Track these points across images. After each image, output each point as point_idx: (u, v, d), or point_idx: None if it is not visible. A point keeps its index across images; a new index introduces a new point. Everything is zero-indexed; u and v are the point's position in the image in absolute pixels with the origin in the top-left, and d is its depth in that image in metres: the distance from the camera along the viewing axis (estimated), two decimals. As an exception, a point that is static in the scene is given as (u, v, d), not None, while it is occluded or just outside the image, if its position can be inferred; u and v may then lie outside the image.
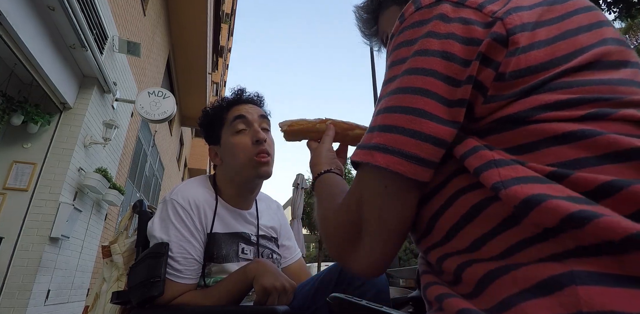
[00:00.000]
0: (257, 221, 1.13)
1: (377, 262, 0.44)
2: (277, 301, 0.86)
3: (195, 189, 1.04)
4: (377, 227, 0.42)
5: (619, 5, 5.02)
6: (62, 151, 3.58)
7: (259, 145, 1.04)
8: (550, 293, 0.28)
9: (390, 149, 0.39)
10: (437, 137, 0.38)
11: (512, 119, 0.37)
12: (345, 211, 0.46)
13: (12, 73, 3.25)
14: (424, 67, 0.40)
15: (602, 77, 0.37)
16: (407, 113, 0.39)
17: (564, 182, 0.32)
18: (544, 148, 0.35)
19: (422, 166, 0.39)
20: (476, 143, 0.38)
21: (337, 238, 0.47)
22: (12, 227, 3.22)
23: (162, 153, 8.64)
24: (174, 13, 7.29)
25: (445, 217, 0.40)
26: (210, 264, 0.98)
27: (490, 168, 0.35)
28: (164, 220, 0.96)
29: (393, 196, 0.41)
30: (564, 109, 0.36)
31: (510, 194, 0.32)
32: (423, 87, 0.39)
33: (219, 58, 14.51)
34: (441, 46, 0.40)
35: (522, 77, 0.38)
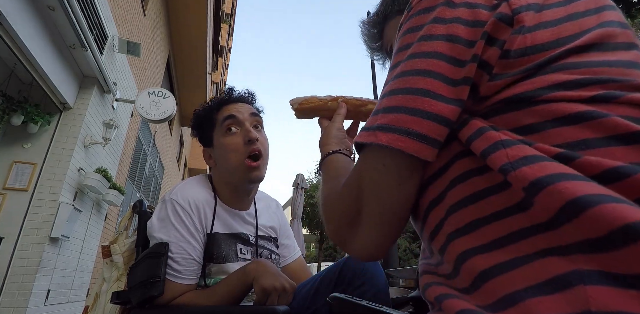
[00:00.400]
0: (255, 221, 1.13)
1: (375, 245, 0.44)
2: (277, 301, 0.86)
3: (194, 189, 1.03)
4: (376, 207, 0.42)
5: (619, 5, 5.03)
6: (62, 151, 3.58)
7: (251, 144, 1.03)
8: (557, 291, 0.27)
9: (392, 127, 0.39)
10: (439, 115, 0.38)
11: (518, 99, 0.37)
12: (346, 193, 0.46)
13: (12, 73, 3.25)
14: (428, 50, 0.40)
15: (610, 59, 0.37)
16: (409, 93, 0.39)
17: (571, 165, 0.31)
18: (550, 128, 0.34)
19: (423, 143, 0.38)
20: (482, 124, 0.37)
21: (337, 221, 0.47)
22: (12, 227, 3.22)
23: (162, 153, 8.64)
24: (174, 13, 7.29)
25: (445, 201, 0.39)
26: (209, 264, 0.98)
27: (497, 149, 0.34)
28: (164, 220, 0.96)
29: (393, 174, 0.41)
30: (572, 90, 0.35)
31: (520, 176, 0.31)
32: (426, 68, 0.39)
33: (219, 58, 14.51)
34: (446, 30, 0.40)
35: (527, 55, 0.37)
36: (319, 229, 19.93)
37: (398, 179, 0.41)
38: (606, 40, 0.38)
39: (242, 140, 1.04)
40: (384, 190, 0.41)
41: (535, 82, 0.36)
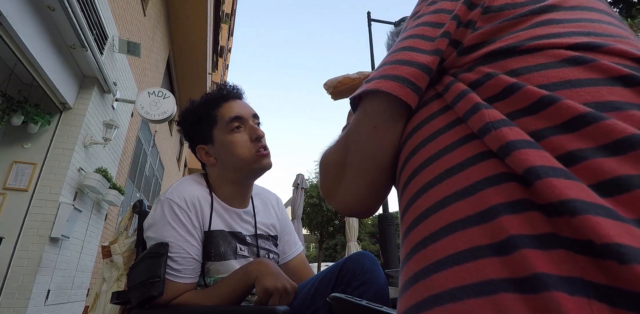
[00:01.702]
0: (254, 220, 1.12)
1: (355, 195, 0.44)
2: (278, 302, 0.86)
3: (190, 187, 1.03)
4: (356, 155, 0.43)
5: (619, 5, 5.02)
6: (62, 151, 3.58)
7: (258, 142, 1.05)
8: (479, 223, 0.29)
9: (374, 77, 0.42)
10: (415, 61, 0.40)
11: (504, 50, 0.37)
12: (336, 144, 0.48)
13: (12, 73, 3.25)
14: (417, 23, 0.45)
15: (591, 17, 0.39)
16: (393, 52, 0.43)
17: (549, 110, 0.31)
18: (536, 71, 0.34)
19: (400, 83, 0.39)
20: (463, 87, 0.37)
21: (326, 173, 0.48)
22: (12, 227, 3.22)
23: (162, 153, 8.64)
24: (174, 13, 7.29)
25: (418, 156, 0.38)
26: (208, 262, 0.98)
27: (479, 110, 0.34)
28: (161, 220, 0.96)
29: (371, 117, 0.42)
30: (556, 38, 0.36)
31: (499, 135, 0.31)
32: (411, 33, 0.44)
33: (219, 58, 14.51)
34: (435, 6, 0.45)
35: (508, 9, 0.40)
36: (319, 229, 19.92)
37: (375, 122, 0.42)
38: (586, 4, 0.40)
39: (248, 137, 1.06)
40: (362, 134, 0.43)
41: (519, 36, 0.37)
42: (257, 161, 1.04)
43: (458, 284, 0.27)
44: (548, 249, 0.25)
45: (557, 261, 0.24)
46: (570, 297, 0.22)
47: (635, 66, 0.33)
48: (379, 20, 7.95)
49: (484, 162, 0.31)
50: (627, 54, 0.33)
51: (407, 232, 0.36)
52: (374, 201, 0.45)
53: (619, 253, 0.22)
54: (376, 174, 0.43)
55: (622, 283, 0.22)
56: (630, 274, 0.21)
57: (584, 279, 0.23)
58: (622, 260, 0.21)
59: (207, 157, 1.10)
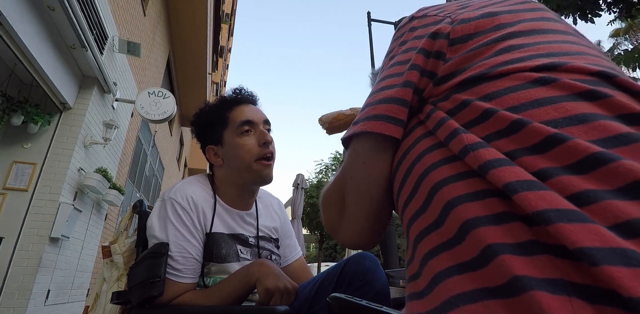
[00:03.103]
0: (256, 222, 1.12)
1: (357, 231, 0.47)
2: (279, 302, 0.86)
3: (193, 188, 1.03)
4: (355, 192, 0.46)
5: (619, 5, 5.02)
6: (62, 151, 3.58)
7: (266, 147, 1.06)
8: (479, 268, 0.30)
9: (359, 120, 0.45)
10: (390, 97, 0.44)
11: (474, 78, 0.40)
12: (335, 183, 0.51)
13: (12, 73, 3.25)
14: (390, 65, 0.48)
15: (547, 39, 0.42)
16: (371, 95, 0.47)
17: (520, 133, 0.33)
18: (505, 94, 0.37)
19: (379, 121, 0.43)
20: (442, 115, 0.40)
21: (328, 210, 0.51)
22: (12, 227, 3.22)
23: (162, 153, 8.64)
24: (174, 13, 7.29)
25: (412, 175, 0.41)
26: (209, 263, 0.98)
27: (457, 135, 0.37)
28: (163, 219, 0.96)
29: (362, 157, 0.45)
30: (519, 63, 0.39)
31: (477, 156, 0.33)
32: (385, 74, 0.47)
33: (219, 58, 14.51)
34: (405, 46, 0.48)
35: (472, 39, 0.43)
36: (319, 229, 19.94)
37: (364, 158, 0.45)
38: (543, 27, 0.44)
39: (256, 141, 1.06)
40: (354, 170, 0.46)
41: (486, 64, 0.40)
42: (257, 170, 1.04)
43: (453, 294, 0.30)
44: (530, 255, 0.27)
45: (538, 265, 0.26)
46: (551, 295, 0.24)
47: (594, 80, 0.36)
48: (379, 20, 7.95)
49: (466, 180, 0.34)
50: (585, 70, 0.36)
51: (414, 246, 0.39)
52: (376, 232, 0.48)
53: (589, 256, 0.24)
54: (372, 206, 0.46)
55: (597, 282, 0.24)
56: (602, 274, 0.23)
57: (564, 280, 0.25)
58: (592, 262, 0.24)
59: (215, 158, 1.11)
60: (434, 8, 0.52)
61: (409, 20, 0.52)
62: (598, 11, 4.87)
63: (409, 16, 0.53)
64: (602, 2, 4.98)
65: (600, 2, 4.97)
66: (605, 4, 5.02)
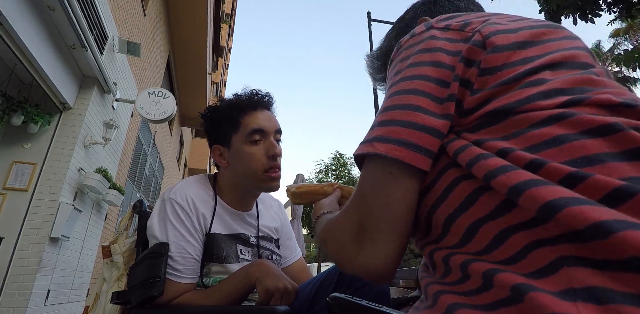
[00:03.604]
0: (257, 222, 1.12)
1: (386, 258, 0.43)
2: (279, 302, 0.86)
3: (194, 189, 1.03)
4: (384, 216, 0.42)
5: (619, 5, 5.02)
6: (62, 151, 3.58)
7: (273, 160, 1.03)
8: (546, 276, 0.30)
9: (388, 138, 0.43)
10: (431, 127, 0.42)
11: (499, 112, 0.41)
12: (350, 208, 0.46)
13: (12, 73, 3.25)
14: (417, 74, 0.45)
15: (574, 73, 0.42)
16: (402, 109, 0.44)
17: (542, 171, 0.34)
18: (527, 132, 0.38)
19: (419, 153, 0.42)
20: (465, 142, 0.41)
21: (341, 239, 0.46)
22: (12, 227, 3.22)
23: (162, 153, 8.64)
24: (174, 13, 7.29)
25: (441, 210, 0.42)
26: (210, 263, 0.98)
27: (479, 161, 0.37)
28: (163, 220, 0.96)
29: (397, 181, 0.43)
30: (543, 100, 0.39)
31: (500, 183, 0.34)
32: (416, 88, 0.44)
33: (219, 58, 14.51)
34: (431, 57, 0.46)
35: (501, 70, 0.43)
36: (319, 229, 19.88)
37: (402, 185, 0.43)
38: (570, 59, 0.44)
39: (264, 152, 1.03)
40: (392, 197, 0.43)
41: (511, 97, 0.41)
42: (265, 181, 1.03)
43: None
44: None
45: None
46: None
47: (611, 113, 0.37)
48: (379, 20, 7.96)
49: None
50: (604, 102, 0.37)
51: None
52: (400, 258, 0.44)
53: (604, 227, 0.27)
54: (405, 233, 0.44)
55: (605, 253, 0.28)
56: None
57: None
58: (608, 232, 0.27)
59: (220, 158, 1.09)
60: (456, 19, 0.50)
61: (427, 29, 0.50)
62: (598, 11, 4.87)
63: (426, 26, 0.51)
64: (602, 2, 4.98)
65: (600, 2, 4.97)
66: (605, 4, 5.02)
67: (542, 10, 5.04)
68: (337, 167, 16.57)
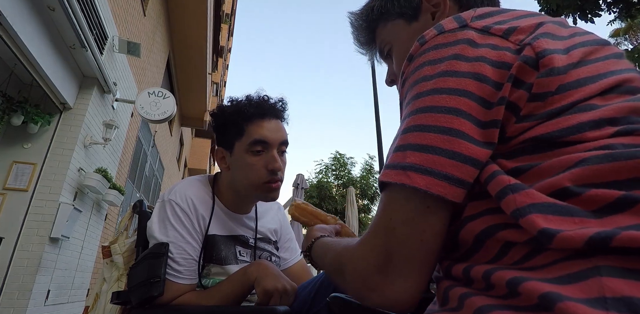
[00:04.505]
0: (255, 223, 1.12)
1: (416, 290, 0.41)
2: (278, 303, 0.86)
3: (193, 190, 1.03)
4: (419, 252, 0.40)
5: (619, 5, 5.02)
6: (62, 151, 3.58)
7: (273, 174, 1.00)
8: (576, 281, 0.29)
9: (429, 170, 0.38)
10: (475, 159, 0.38)
11: (543, 140, 0.37)
12: (373, 239, 0.43)
13: (12, 73, 3.25)
14: (456, 87, 0.40)
15: (625, 100, 0.38)
16: (443, 133, 0.39)
17: (577, 200, 0.32)
18: (568, 170, 0.34)
19: (461, 188, 0.38)
20: (496, 168, 0.38)
21: (363, 271, 0.43)
22: (12, 227, 3.22)
23: (162, 153, 8.64)
24: (174, 13, 7.29)
25: (469, 229, 0.40)
26: (209, 265, 0.98)
27: (507, 195, 0.35)
28: (163, 221, 0.96)
29: (436, 216, 0.40)
30: (593, 130, 0.36)
31: (528, 223, 0.32)
32: (457, 107, 0.39)
33: (219, 58, 14.50)
34: (471, 68, 0.40)
35: (553, 96, 0.38)
36: (319, 229, 19.85)
37: (440, 220, 0.40)
38: (624, 83, 0.40)
39: (264, 164, 1.00)
40: (429, 232, 0.40)
41: (558, 123, 0.37)
42: (263, 191, 1.01)
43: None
44: None
45: None
46: None
47: None
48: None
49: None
50: None
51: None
52: (424, 288, 0.42)
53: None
54: (434, 264, 0.42)
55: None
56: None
57: None
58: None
59: (221, 162, 1.07)
60: (494, 19, 0.44)
61: (461, 27, 0.44)
62: (598, 11, 4.87)
63: (459, 22, 0.45)
64: (602, 2, 4.98)
65: (600, 2, 4.97)
66: (605, 4, 5.02)
67: (543, 10, 5.05)
68: (337, 167, 16.56)
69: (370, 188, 15.78)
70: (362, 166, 16.63)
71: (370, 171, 16.36)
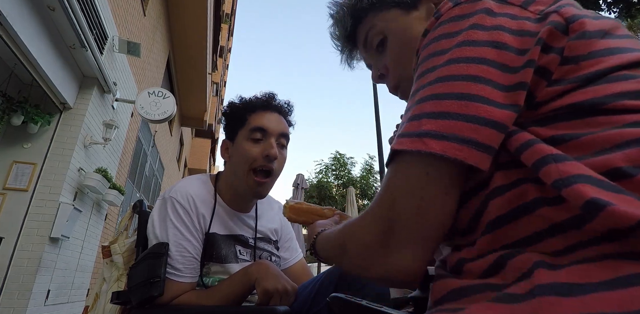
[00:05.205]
0: (255, 223, 1.12)
1: (417, 263, 0.39)
2: (279, 303, 0.86)
3: (194, 188, 1.03)
4: (420, 221, 0.38)
5: (619, 5, 5.02)
6: (62, 151, 3.58)
7: (268, 161, 1.02)
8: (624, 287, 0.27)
9: (446, 135, 0.36)
10: (496, 121, 0.36)
11: (582, 107, 0.35)
12: (376, 210, 0.41)
13: (12, 73, 3.25)
14: (475, 56, 0.38)
15: None
16: (460, 99, 0.37)
17: (629, 182, 0.30)
18: (624, 150, 0.32)
19: (482, 152, 0.36)
20: (531, 137, 0.35)
21: (363, 243, 0.42)
22: (12, 227, 3.22)
23: (162, 153, 8.64)
24: (174, 13, 7.29)
25: (490, 211, 0.37)
26: (209, 263, 0.98)
27: (548, 163, 0.32)
28: (163, 218, 0.96)
29: (439, 183, 0.38)
30: (636, 99, 0.34)
31: (574, 192, 0.30)
32: (475, 74, 0.38)
33: (219, 58, 14.50)
34: (490, 37, 0.39)
35: (585, 60, 0.37)
36: (319, 229, 19.84)
37: (445, 189, 0.38)
38: None
39: (261, 151, 1.02)
40: (430, 200, 0.38)
41: (596, 91, 0.35)
42: (250, 185, 1.02)
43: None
44: None
45: None
46: None
47: None
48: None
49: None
50: None
51: None
52: (425, 266, 0.40)
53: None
54: (436, 240, 0.40)
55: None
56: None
57: None
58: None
59: (225, 152, 1.12)
60: None
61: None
62: (598, 11, 4.87)
63: None
64: (602, 2, 4.98)
65: (601, 2, 4.97)
66: (605, 4, 5.02)
67: (542, 10, 5.04)
68: (337, 167, 16.57)
69: (370, 188, 15.79)
70: (362, 166, 16.65)
71: (370, 171, 16.37)
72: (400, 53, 0.60)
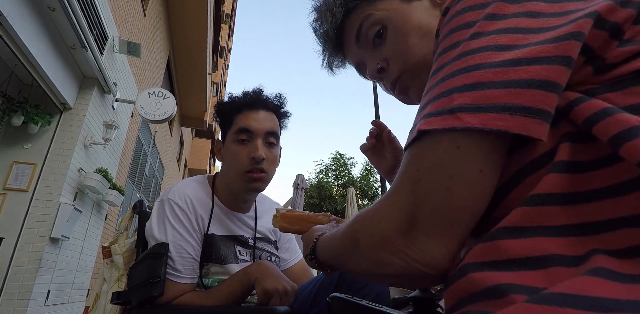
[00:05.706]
0: (254, 223, 1.12)
1: (439, 256, 0.34)
2: (279, 303, 0.86)
3: (192, 189, 1.03)
4: (445, 204, 0.33)
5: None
6: (62, 151, 3.58)
7: (255, 164, 1.01)
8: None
9: (482, 106, 0.31)
10: (544, 80, 0.30)
11: None
12: (396, 195, 0.36)
13: (12, 73, 3.25)
14: (504, 27, 0.34)
15: None
16: (493, 67, 0.32)
17: None
18: None
19: (533, 117, 0.30)
20: (606, 104, 0.29)
21: (382, 232, 0.36)
22: (12, 227, 3.22)
23: (162, 153, 8.64)
24: (174, 13, 7.29)
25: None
26: (209, 264, 0.98)
27: (636, 137, 0.26)
28: (162, 220, 0.96)
29: (472, 159, 0.32)
30: None
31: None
32: (508, 43, 0.33)
33: (219, 58, 14.51)
34: (522, 8, 0.34)
35: None
36: (319, 229, 19.82)
37: (478, 165, 0.32)
38: None
39: (248, 152, 1.01)
40: (460, 179, 0.32)
41: None
42: (245, 181, 1.02)
43: None
44: None
45: None
46: None
47: None
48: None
49: None
50: None
51: None
52: (452, 257, 0.35)
53: None
54: (466, 227, 0.34)
55: None
56: None
57: None
58: None
59: (218, 154, 1.12)
60: None
61: None
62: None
63: None
64: (602, 2, 4.97)
65: (600, 2, 4.96)
66: (605, 4, 5.00)
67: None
68: (337, 167, 16.56)
69: (370, 188, 15.78)
70: (363, 166, 16.62)
71: (371, 171, 16.35)
72: (403, 43, 0.55)
